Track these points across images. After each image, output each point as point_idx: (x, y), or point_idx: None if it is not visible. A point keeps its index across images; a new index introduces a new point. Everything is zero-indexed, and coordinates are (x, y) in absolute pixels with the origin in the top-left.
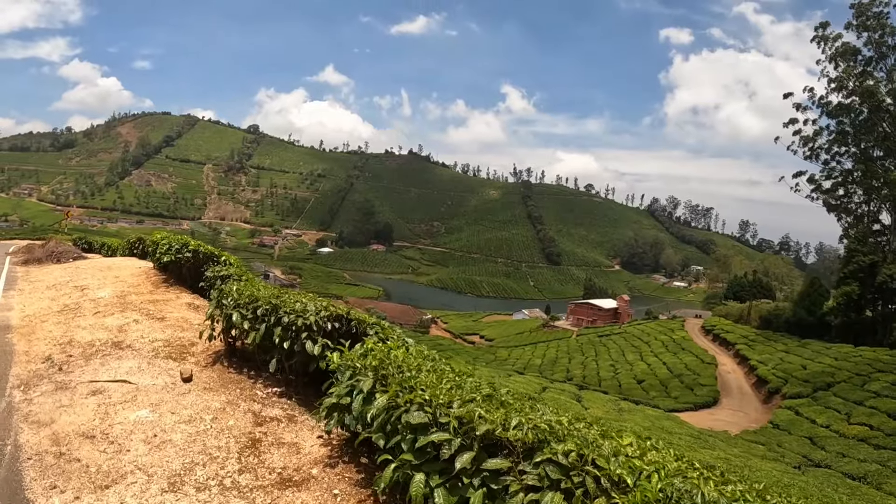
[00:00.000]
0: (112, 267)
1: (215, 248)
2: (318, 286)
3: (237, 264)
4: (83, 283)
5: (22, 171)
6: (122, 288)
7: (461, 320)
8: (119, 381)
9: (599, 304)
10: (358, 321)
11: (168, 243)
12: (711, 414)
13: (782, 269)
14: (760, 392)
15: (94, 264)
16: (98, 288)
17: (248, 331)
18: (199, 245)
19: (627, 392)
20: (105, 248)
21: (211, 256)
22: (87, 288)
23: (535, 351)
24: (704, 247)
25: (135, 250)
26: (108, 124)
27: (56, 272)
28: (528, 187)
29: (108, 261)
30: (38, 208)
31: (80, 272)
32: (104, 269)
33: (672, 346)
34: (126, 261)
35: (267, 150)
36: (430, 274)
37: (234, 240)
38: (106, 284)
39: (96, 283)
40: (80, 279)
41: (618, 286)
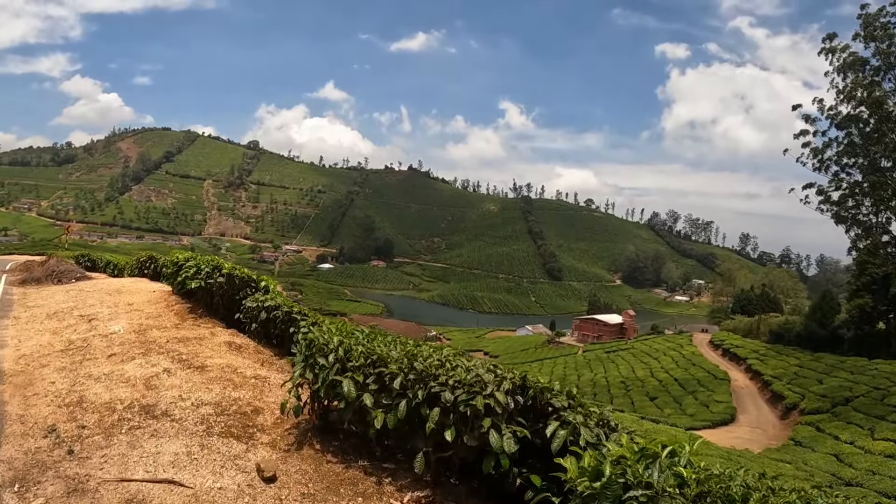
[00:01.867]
0: (122, 290)
1: (252, 272)
2: (319, 302)
3: (279, 293)
4: (90, 310)
5: (22, 186)
6: (140, 319)
7: (464, 336)
8: (165, 482)
9: (605, 319)
10: (539, 391)
11: (196, 265)
12: (730, 431)
13: (787, 282)
14: (777, 408)
15: (101, 286)
16: (110, 318)
17: (373, 408)
18: (235, 268)
19: (641, 409)
20: (111, 266)
21: (248, 282)
22: (96, 318)
23: (542, 368)
24: (705, 261)
25: (145, 270)
26: (108, 139)
27: (58, 296)
28: (529, 202)
29: (117, 282)
30: (37, 223)
31: (86, 296)
32: (113, 293)
33: (682, 361)
34: (137, 282)
35: (267, 166)
36: (431, 290)
37: (234, 255)
38: (119, 314)
39: (106, 311)
40: (87, 305)
41: (619, 301)
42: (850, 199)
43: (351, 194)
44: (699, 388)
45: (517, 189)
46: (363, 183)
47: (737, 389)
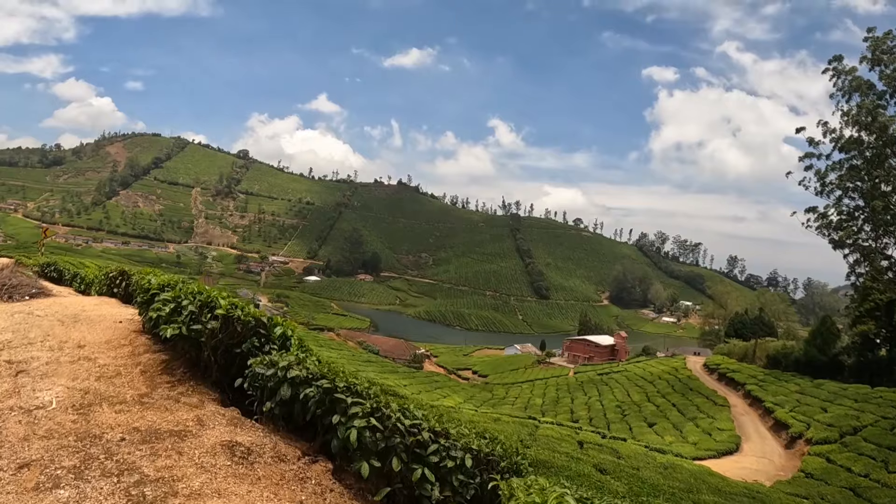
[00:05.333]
0: (79, 318)
1: (262, 312)
2: (305, 315)
3: (307, 348)
4: (25, 353)
5: (8, 186)
6: (88, 380)
7: (451, 354)
8: None
9: (596, 340)
10: None
11: (175, 298)
12: (736, 461)
13: (779, 305)
14: (781, 436)
15: (57, 310)
16: (44, 374)
17: None
18: (235, 306)
19: (640, 436)
20: (78, 279)
21: (256, 328)
22: (26, 372)
23: (534, 389)
24: (693, 282)
25: (115, 288)
26: (97, 143)
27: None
28: (517, 220)
29: (77, 304)
30: (22, 224)
31: (32, 323)
32: (67, 322)
33: (679, 385)
34: (102, 305)
35: (256, 176)
36: (418, 305)
37: (220, 265)
38: (61, 363)
39: (46, 356)
40: (25, 342)
41: (607, 320)
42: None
43: (339, 207)
44: (699, 415)
45: (506, 206)
46: (352, 196)
47: (737, 416)
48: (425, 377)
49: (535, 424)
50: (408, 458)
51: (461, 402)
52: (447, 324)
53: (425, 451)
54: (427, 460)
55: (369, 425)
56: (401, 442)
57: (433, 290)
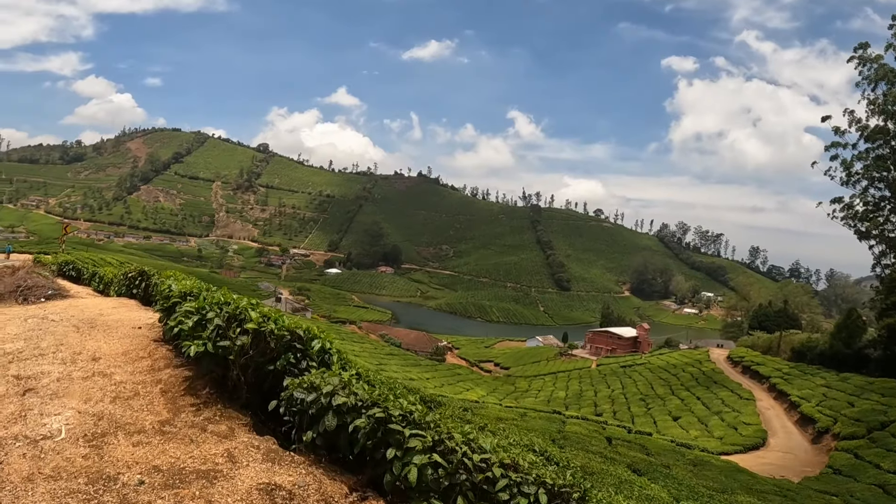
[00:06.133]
0: (96, 323)
1: (300, 322)
2: (327, 308)
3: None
4: (36, 366)
5: (30, 183)
6: (102, 402)
7: (473, 346)
8: None
9: (619, 332)
10: None
11: (199, 310)
12: (761, 457)
13: (802, 297)
14: (807, 431)
15: (73, 313)
16: (54, 392)
17: None
18: (267, 318)
19: (665, 430)
20: (96, 279)
21: (292, 343)
22: (35, 390)
23: (557, 382)
24: (714, 273)
25: (134, 289)
26: (117, 139)
27: (11, 325)
28: (537, 212)
29: (94, 306)
30: (45, 220)
31: (46, 329)
32: (82, 329)
33: (703, 379)
34: (120, 308)
35: (276, 170)
36: (439, 298)
37: (241, 258)
38: (73, 380)
39: (57, 371)
40: (37, 352)
41: (628, 312)
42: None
43: (359, 200)
44: (725, 409)
45: (526, 198)
46: (372, 189)
47: (763, 410)
48: (447, 370)
49: (561, 420)
50: (475, 497)
51: (484, 394)
52: (468, 316)
53: (494, 488)
54: (496, 498)
55: (431, 461)
56: (467, 479)
57: (454, 282)
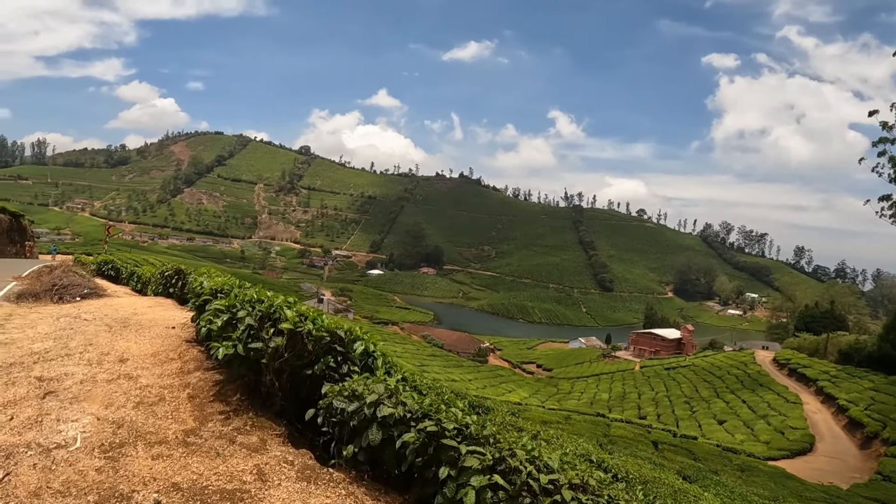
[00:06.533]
0: (129, 323)
1: (339, 322)
2: (369, 309)
3: (397, 366)
4: (59, 367)
5: (76, 186)
6: (124, 408)
7: (515, 347)
8: None
9: (662, 333)
10: None
11: (230, 308)
12: (808, 462)
13: (848, 297)
14: (855, 436)
15: (107, 312)
16: (75, 396)
17: None
18: (303, 317)
19: (710, 434)
20: (135, 278)
21: (331, 345)
22: (57, 392)
23: (600, 384)
24: (759, 274)
25: (171, 288)
26: (161, 143)
27: (43, 324)
28: (580, 212)
29: (129, 306)
30: (89, 223)
31: (77, 329)
32: (114, 328)
33: (748, 381)
34: (155, 307)
35: (318, 171)
36: (481, 299)
37: (283, 260)
38: (97, 383)
39: (82, 373)
40: (65, 352)
41: (671, 313)
42: None
43: (401, 201)
44: (771, 412)
45: (568, 198)
46: (413, 190)
47: (810, 414)
48: (490, 371)
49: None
50: None
51: (526, 396)
52: (510, 317)
53: None
54: None
55: (491, 483)
56: (532, 503)
57: (496, 283)
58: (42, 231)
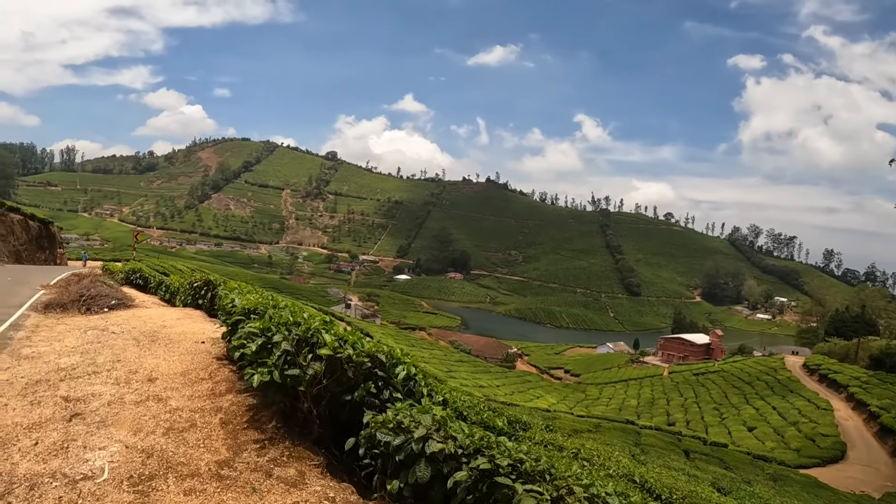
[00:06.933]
0: (157, 336)
1: (378, 345)
2: (396, 314)
3: (445, 390)
4: (86, 385)
5: (104, 193)
6: (154, 434)
7: (542, 353)
8: None
9: (691, 339)
10: None
11: (264, 331)
12: (840, 470)
13: (879, 301)
14: (887, 443)
15: (135, 325)
16: (102, 419)
17: None
18: (343, 340)
19: (739, 441)
20: (163, 288)
21: (373, 370)
22: (82, 416)
23: (628, 389)
24: (788, 277)
25: (200, 299)
26: (188, 149)
27: (70, 337)
28: (607, 216)
29: (158, 318)
30: (118, 228)
31: (105, 343)
32: (142, 343)
33: (778, 387)
34: (184, 319)
35: (345, 177)
36: (508, 303)
37: (310, 265)
38: (125, 405)
39: (110, 391)
40: (91, 368)
41: (699, 318)
42: None
43: (428, 206)
44: (801, 419)
45: (595, 202)
46: (440, 194)
47: (841, 421)
48: (517, 377)
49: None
50: None
51: (554, 402)
52: (537, 321)
53: None
54: None
55: None
56: None
57: (523, 288)
58: (71, 237)
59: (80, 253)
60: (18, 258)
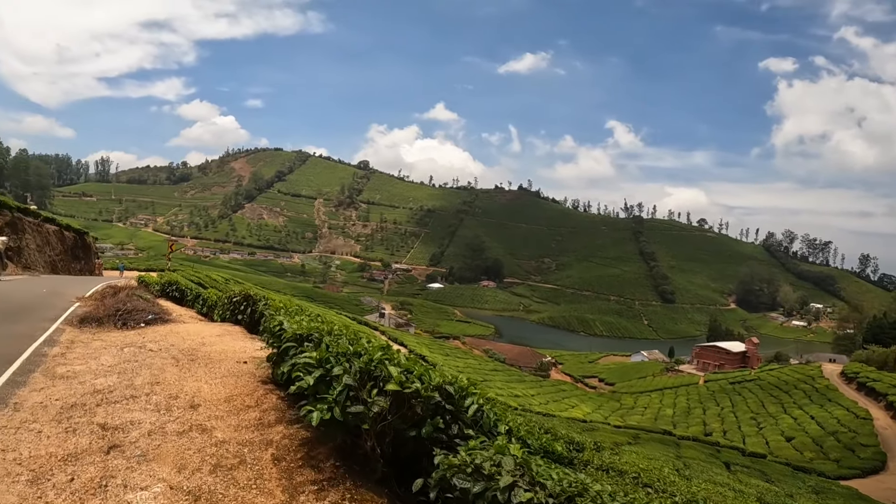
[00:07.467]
0: (196, 355)
1: (443, 374)
2: (429, 323)
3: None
4: (124, 411)
5: (139, 203)
6: (199, 472)
7: (576, 361)
8: None
9: (727, 346)
10: None
11: (322, 362)
12: (881, 481)
13: None
14: None
15: (172, 342)
16: (143, 453)
17: None
18: (409, 371)
19: (777, 451)
20: (200, 301)
21: (440, 404)
22: (120, 448)
23: (664, 399)
24: (823, 283)
25: (239, 314)
26: (221, 159)
27: (107, 355)
28: (640, 222)
29: (196, 334)
30: (153, 238)
31: (142, 361)
32: (181, 362)
33: (816, 396)
34: (224, 337)
35: (377, 185)
36: (541, 311)
37: (343, 274)
38: (166, 437)
39: (150, 419)
40: (128, 391)
41: (734, 325)
42: None
43: (460, 214)
44: (840, 429)
45: (628, 209)
46: (472, 203)
47: (880, 430)
48: (552, 386)
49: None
50: None
51: (589, 412)
52: (571, 329)
53: None
54: None
55: None
56: None
57: (556, 296)
58: (106, 246)
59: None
60: (54, 268)
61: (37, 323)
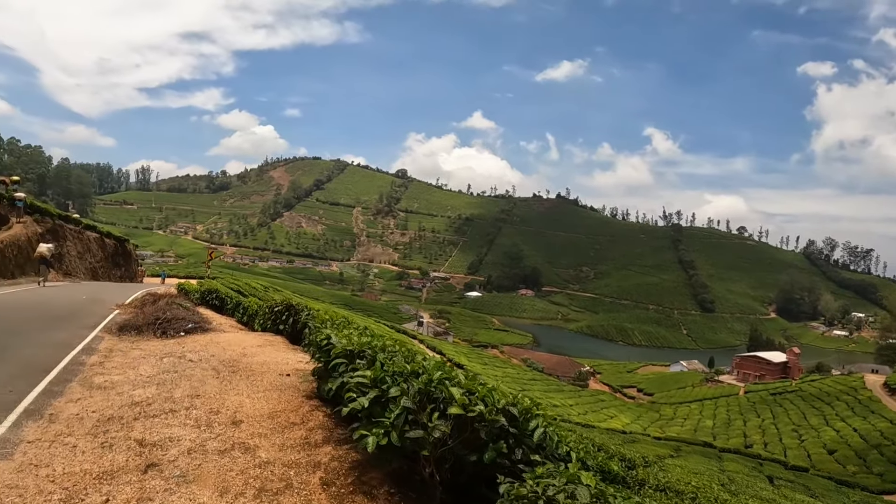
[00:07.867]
0: (238, 366)
1: (505, 394)
2: (468, 332)
3: None
4: (163, 426)
5: (179, 211)
6: (243, 496)
7: (615, 371)
8: None
9: (767, 357)
10: None
11: (376, 382)
12: None
13: None
14: None
15: (212, 352)
16: (182, 474)
17: None
18: (474, 395)
19: (819, 464)
20: (240, 310)
21: (507, 428)
22: (158, 468)
23: (703, 410)
24: (865, 292)
25: (281, 324)
26: (260, 168)
27: (146, 365)
28: (678, 230)
29: (237, 344)
30: (192, 245)
31: (180, 374)
32: (222, 373)
33: (859, 408)
34: (266, 348)
35: (415, 194)
36: (580, 320)
37: (381, 282)
38: (207, 456)
39: (189, 436)
40: (168, 404)
41: (775, 335)
42: None
43: (498, 222)
44: (884, 442)
45: (667, 216)
46: (510, 211)
47: None
48: (591, 396)
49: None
50: None
51: (628, 422)
52: (609, 338)
53: None
54: None
55: None
56: None
57: (594, 305)
58: (146, 253)
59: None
60: (94, 275)
61: (76, 330)
